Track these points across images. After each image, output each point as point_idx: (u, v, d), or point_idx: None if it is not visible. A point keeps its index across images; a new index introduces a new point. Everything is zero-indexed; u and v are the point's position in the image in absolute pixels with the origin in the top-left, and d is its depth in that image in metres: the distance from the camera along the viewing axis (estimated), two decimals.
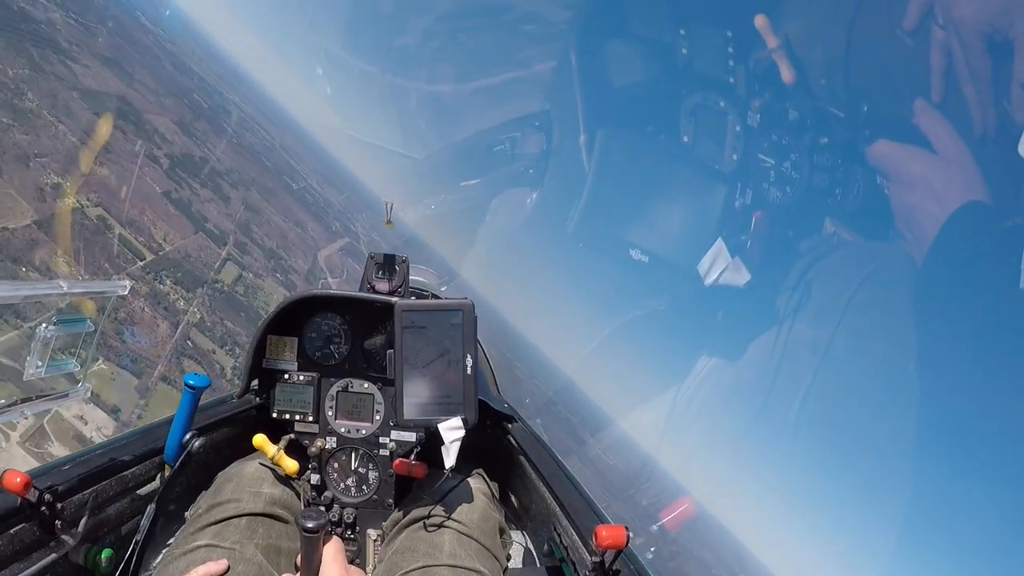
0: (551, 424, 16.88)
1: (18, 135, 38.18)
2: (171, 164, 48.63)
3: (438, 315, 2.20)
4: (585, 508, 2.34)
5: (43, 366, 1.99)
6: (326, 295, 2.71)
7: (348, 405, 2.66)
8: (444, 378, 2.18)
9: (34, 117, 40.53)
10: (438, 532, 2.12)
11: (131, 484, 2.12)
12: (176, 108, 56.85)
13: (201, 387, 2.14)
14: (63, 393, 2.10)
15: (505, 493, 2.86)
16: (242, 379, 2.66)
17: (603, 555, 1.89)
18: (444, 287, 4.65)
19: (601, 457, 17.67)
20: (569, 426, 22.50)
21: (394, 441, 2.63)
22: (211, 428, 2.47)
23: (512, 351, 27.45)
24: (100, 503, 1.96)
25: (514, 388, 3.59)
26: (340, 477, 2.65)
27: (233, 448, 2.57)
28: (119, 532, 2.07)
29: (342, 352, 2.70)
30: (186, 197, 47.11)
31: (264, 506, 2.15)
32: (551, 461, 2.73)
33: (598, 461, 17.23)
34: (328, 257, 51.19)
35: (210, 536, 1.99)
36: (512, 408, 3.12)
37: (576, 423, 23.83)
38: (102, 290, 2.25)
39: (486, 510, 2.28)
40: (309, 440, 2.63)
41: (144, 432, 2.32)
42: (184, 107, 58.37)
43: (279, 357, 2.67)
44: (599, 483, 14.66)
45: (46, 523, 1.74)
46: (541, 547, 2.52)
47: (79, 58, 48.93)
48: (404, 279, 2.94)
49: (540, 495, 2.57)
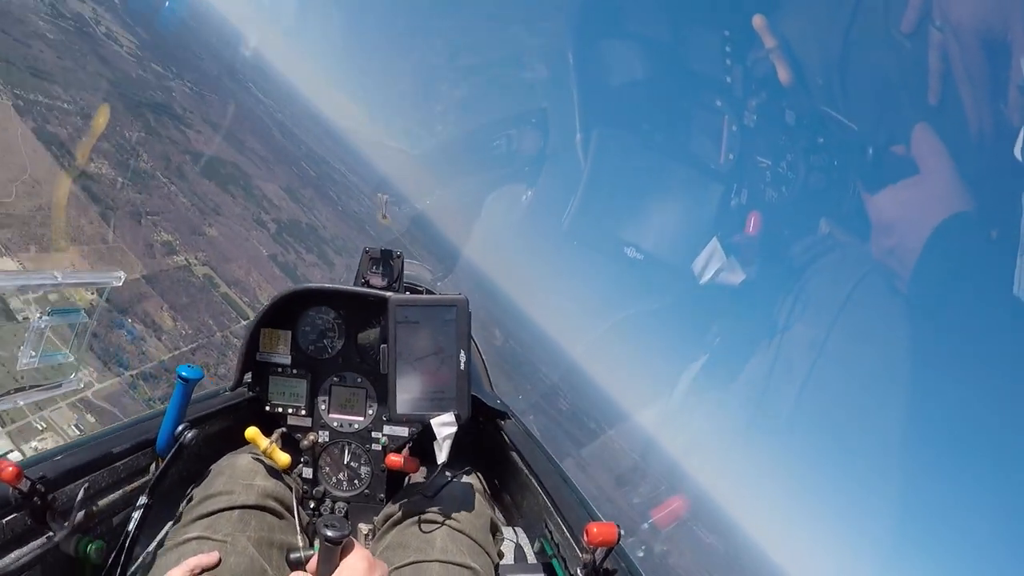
0: (546, 422, 16.89)
1: (132, 193, 40.92)
2: (278, 229, 51.60)
3: (432, 310, 2.20)
4: (577, 505, 2.34)
5: (36, 356, 1.99)
6: (320, 289, 2.70)
7: (341, 399, 2.67)
8: (437, 373, 2.18)
9: (148, 177, 43.31)
10: (430, 528, 2.12)
11: (123, 475, 2.11)
12: (284, 175, 60.15)
13: (194, 379, 2.14)
14: (56, 383, 2.10)
15: (497, 490, 2.86)
16: (235, 371, 2.66)
17: (594, 552, 1.89)
18: (439, 283, 4.65)
19: (594, 456, 17.73)
20: (564, 423, 22.54)
21: (387, 436, 2.63)
22: (204, 420, 2.46)
23: (510, 343, 27.36)
24: (92, 494, 1.95)
25: (506, 382, 3.60)
26: (332, 471, 2.65)
27: (225, 441, 2.57)
28: (110, 523, 2.07)
29: (336, 346, 2.70)
30: (291, 261, 49.78)
31: (256, 499, 2.15)
32: (543, 458, 2.73)
33: (591, 460, 17.26)
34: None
35: (202, 528, 1.99)
36: (505, 404, 3.12)
37: (571, 421, 23.92)
38: (97, 281, 2.24)
39: (478, 506, 2.28)
40: (302, 434, 2.63)
41: (136, 423, 2.31)
42: (292, 174, 61.73)
43: (273, 350, 2.67)
44: (589, 482, 14.70)
45: (37, 513, 1.74)
46: (532, 544, 2.52)
47: (192, 123, 52.26)
48: (399, 274, 2.94)
49: (532, 492, 2.57)
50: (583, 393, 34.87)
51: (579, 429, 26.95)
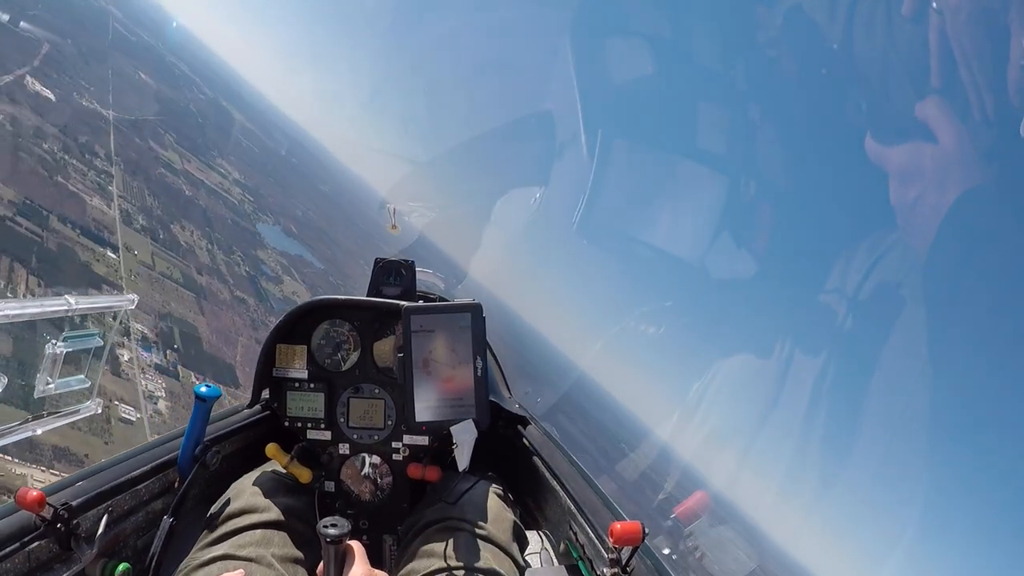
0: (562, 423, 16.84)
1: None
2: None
3: (446, 317, 2.20)
4: (600, 506, 2.33)
5: (53, 383, 1.99)
6: (334, 301, 2.70)
7: (359, 411, 2.66)
8: (455, 381, 2.17)
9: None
10: (453, 535, 2.11)
11: (145, 497, 2.12)
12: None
13: (212, 398, 2.14)
14: (74, 409, 2.11)
15: (520, 494, 2.85)
16: (252, 388, 2.67)
17: (619, 552, 1.88)
18: (453, 289, 4.65)
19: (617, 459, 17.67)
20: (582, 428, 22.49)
21: (406, 445, 2.63)
22: (223, 439, 2.47)
23: (523, 347, 27.40)
24: (115, 517, 1.96)
25: (524, 386, 3.58)
26: (354, 483, 2.65)
27: (246, 458, 2.57)
28: (135, 546, 2.07)
29: (352, 358, 2.69)
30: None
31: (279, 515, 2.15)
32: (565, 461, 2.72)
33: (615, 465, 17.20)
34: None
35: (226, 547, 1.99)
36: (524, 409, 3.11)
37: (586, 425, 23.88)
38: (110, 305, 2.25)
39: (501, 511, 2.27)
40: (321, 447, 2.63)
41: (156, 445, 2.31)
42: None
43: (289, 366, 2.67)
44: (612, 484, 14.64)
45: (62, 539, 1.74)
46: (557, 547, 2.51)
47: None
48: (411, 282, 2.94)
49: (555, 495, 2.56)
50: (603, 389, 34.78)
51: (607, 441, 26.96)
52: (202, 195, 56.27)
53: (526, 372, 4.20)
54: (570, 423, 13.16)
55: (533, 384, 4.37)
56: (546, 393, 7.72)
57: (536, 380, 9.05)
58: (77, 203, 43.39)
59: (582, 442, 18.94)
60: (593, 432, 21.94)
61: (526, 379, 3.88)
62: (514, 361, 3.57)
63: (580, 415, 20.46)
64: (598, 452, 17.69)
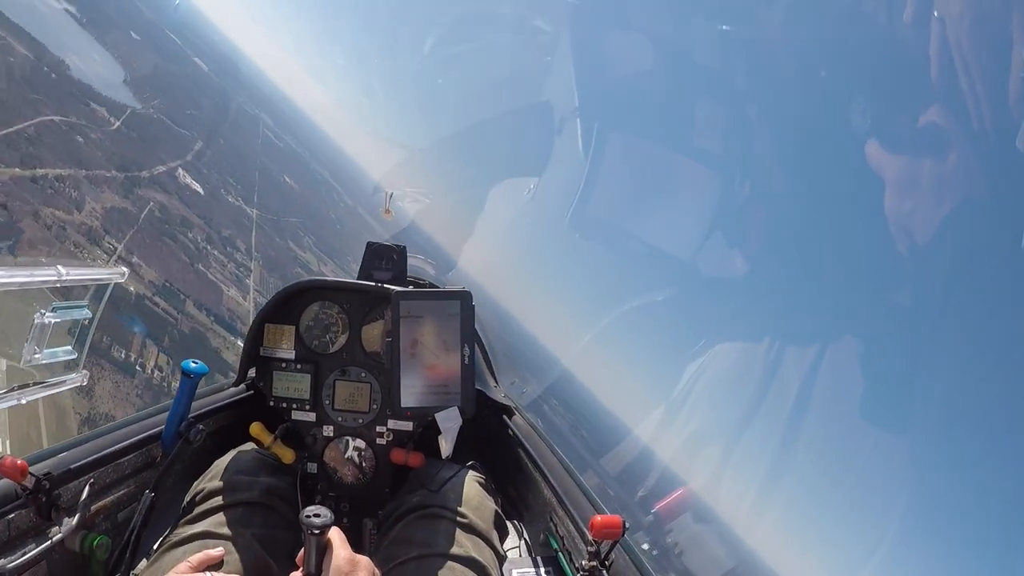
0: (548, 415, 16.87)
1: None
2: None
3: (436, 304, 2.20)
4: (582, 499, 2.33)
5: (41, 353, 1.98)
6: (324, 283, 2.70)
7: (345, 394, 2.66)
8: (441, 367, 2.17)
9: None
10: (434, 522, 2.11)
11: (128, 471, 2.11)
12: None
13: (199, 374, 2.14)
14: (60, 379, 2.10)
15: (502, 484, 2.86)
16: (239, 367, 2.66)
17: (599, 545, 1.89)
18: (443, 276, 4.64)
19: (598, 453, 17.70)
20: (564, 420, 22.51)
21: (391, 430, 2.63)
22: (208, 416, 2.46)
23: (510, 337, 27.32)
24: (96, 490, 1.95)
25: (510, 376, 3.58)
26: (337, 465, 2.65)
27: (230, 436, 2.57)
28: (115, 519, 2.07)
29: (340, 341, 2.69)
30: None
31: (260, 495, 2.15)
32: (549, 453, 2.72)
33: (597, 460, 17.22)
34: None
35: (207, 524, 1.99)
36: (510, 398, 3.12)
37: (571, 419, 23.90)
38: (100, 277, 2.24)
39: (483, 500, 2.28)
40: (305, 429, 2.63)
41: (141, 419, 2.31)
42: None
43: (276, 345, 2.67)
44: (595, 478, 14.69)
45: (42, 509, 1.74)
46: (537, 538, 2.52)
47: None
48: (402, 268, 2.94)
49: (537, 486, 2.57)
50: (585, 384, 34.76)
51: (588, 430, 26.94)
52: None
53: (513, 362, 4.20)
54: (555, 415, 13.19)
55: (519, 374, 4.37)
56: (532, 384, 7.72)
57: (522, 371, 9.06)
58: (214, 291, 44.80)
59: (566, 434, 18.97)
60: (577, 425, 21.95)
61: (513, 369, 3.89)
62: (501, 351, 3.58)
63: (565, 407, 20.46)
64: (581, 445, 17.72)
